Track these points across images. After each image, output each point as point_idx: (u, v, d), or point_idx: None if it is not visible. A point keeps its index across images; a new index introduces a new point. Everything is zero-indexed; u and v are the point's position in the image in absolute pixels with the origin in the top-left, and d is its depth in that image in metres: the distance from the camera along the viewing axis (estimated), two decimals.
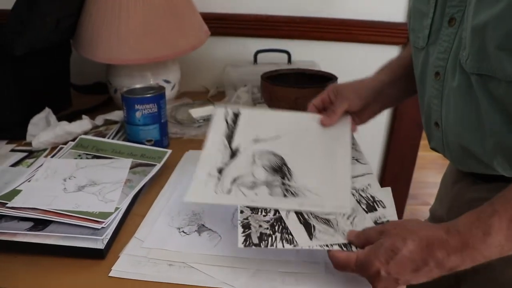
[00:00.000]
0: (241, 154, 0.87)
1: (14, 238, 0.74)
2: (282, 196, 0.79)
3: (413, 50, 0.88)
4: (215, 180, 0.81)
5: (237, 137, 0.89)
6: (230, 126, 0.91)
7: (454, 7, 0.74)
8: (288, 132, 0.92)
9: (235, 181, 0.81)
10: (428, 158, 3.34)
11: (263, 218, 0.74)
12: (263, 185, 0.81)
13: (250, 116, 0.94)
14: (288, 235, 0.70)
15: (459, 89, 0.73)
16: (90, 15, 1.25)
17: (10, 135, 1.18)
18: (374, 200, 0.81)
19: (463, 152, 0.79)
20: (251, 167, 0.84)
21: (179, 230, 0.81)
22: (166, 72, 1.35)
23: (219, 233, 0.80)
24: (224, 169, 0.84)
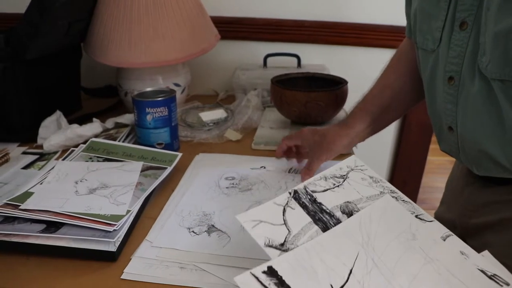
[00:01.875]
0: None
1: (27, 240, 0.74)
2: None
3: (420, 52, 0.87)
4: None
5: None
6: None
7: (465, 11, 0.73)
8: (354, 257, 0.64)
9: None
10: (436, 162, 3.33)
11: None
12: None
13: (291, 269, 0.60)
14: None
15: (479, 94, 0.72)
16: (101, 19, 1.26)
17: (21, 138, 1.19)
18: (489, 276, 0.63)
19: (481, 156, 0.78)
20: None
21: (189, 230, 0.81)
22: (176, 75, 1.36)
23: (228, 234, 0.80)
24: None
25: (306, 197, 0.74)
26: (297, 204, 0.72)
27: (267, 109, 1.43)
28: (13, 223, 0.77)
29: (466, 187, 0.91)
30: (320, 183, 0.77)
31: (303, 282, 0.58)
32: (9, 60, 1.11)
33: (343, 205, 0.73)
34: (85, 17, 1.29)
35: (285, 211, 0.71)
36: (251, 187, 0.97)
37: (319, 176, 0.79)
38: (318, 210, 0.71)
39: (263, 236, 0.65)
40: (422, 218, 0.71)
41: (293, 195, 0.74)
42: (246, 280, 0.57)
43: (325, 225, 0.69)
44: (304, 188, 0.76)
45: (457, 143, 0.82)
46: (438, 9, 0.79)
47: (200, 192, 0.94)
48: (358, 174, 0.80)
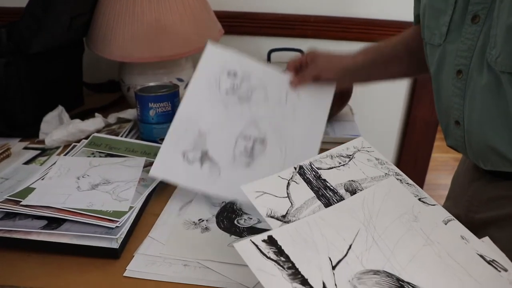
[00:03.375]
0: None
1: (28, 237, 0.73)
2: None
3: (428, 47, 0.87)
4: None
5: (309, 272, 0.57)
6: (283, 263, 0.57)
7: (478, 4, 0.73)
8: (355, 233, 0.64)
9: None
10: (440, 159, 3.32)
11: None
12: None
13: (291, 239, 0.61)
14: None
15: (487, 87, 0.72)
16: (103, 14, 1.24)
17: (23, 133, 1.18)
18: (488, 261, 0.63)
19: (487, 150, 0.77)
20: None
21: (184, 155, 0.84)
22: (179, 70, 1.35)
23: (219, 166, 0.84)
24: None
25: (311, 173, 0.75)
26: (302, 179, 0.73)
27: None
28: (14, 219, 0.77)
29: (472, 182, 0.91)
30: (326, 161, 0.78)
31: (302, 253, 0.59)
32: (11, 55, 1.10)
33: (347, 183, 0.74)
34: (88, 12, 1.28)
35: (289, 185, 0.72)
36: (251, 94, 0.94)
37: (325, 154, 0.79)
38: (322, 186, 0.72)
39: (265, 207, 0.66)
40: (425, 202, 0.71)
41: (298, 170, 0.75)
42: (246, 247, 0.57)
43: (328, 201, 0.70)
44: (309, 164, 0.76)
45: (464, 137, 0.82)
46: (446, 5, 0.79)
47: (199, 93, 0.94)
48: (365, 155, 0.80)
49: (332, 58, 1.02)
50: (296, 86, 0.96)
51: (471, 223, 0.89)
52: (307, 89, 1.00)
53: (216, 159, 0.82)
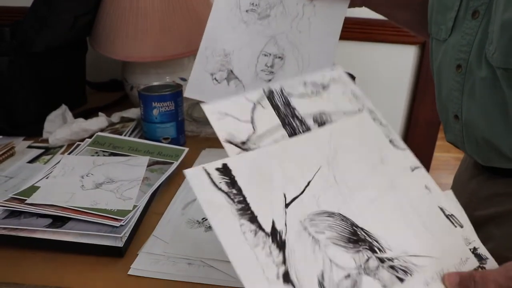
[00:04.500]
0: (288, 234, 0.53)
1: (33, 235, 0.73)
2: (399, 281, 0.55)
3: (434, 42, 0.88)
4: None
5: (259, 208, 0.53)
6: (234, 195, 0.53)
7: (478, 0, 0.74)
8: (316, 170, 0.60)
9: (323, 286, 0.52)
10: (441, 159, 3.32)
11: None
12: (365, 276, 0.54)
13: (247, 170, 0.57)
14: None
15: (485, 82, 0.73)
16: (107, 13, 1.25)
17: (26, 132, 1.19)
18: (446, 215, 0.62)
19: (484, 145, 0.78)
20: (320, 252, 0.54)
21: (212, 76, 0.91)
22: (182, 69, 1.35)
23: (243, 83, 0.90)
24: (290, 270, 0.51)
25: (280, 99, 0.69)
26: (269, 104, 0.67)
27: None
28: (19, 218, 0.77)
29: (471, 179, 0.91)
30: (298, 88, 0.71)
31: (255, 186, 0.55)
32: (15, 53, 1.10)
33: (317, 114, 0.68)
34: (91, 11, 1.28)
35: (255, 108, 0.66)
36: (269, 12, 0.98)
37: (299, 80, 0.72)
38: (290, 115, 0.67)
39: (225, 131, 0.61)
40: (395, 144, 0.67)
41: (267, 94, 0.68)
42: (197, 175, 0.53)
43: (293, 130, 0.65)
44: (280, 88, 0.69)
45: (462, 131, 0.82)
46: (453, 0, 0.80)
47: (221, 15, 0.98)
48: (340, 86, 0.74)
49: None
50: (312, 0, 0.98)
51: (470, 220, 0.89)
52: (321, 3, 0.99)
53: (240, 77, 0.90)
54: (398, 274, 0.55)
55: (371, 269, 0.55)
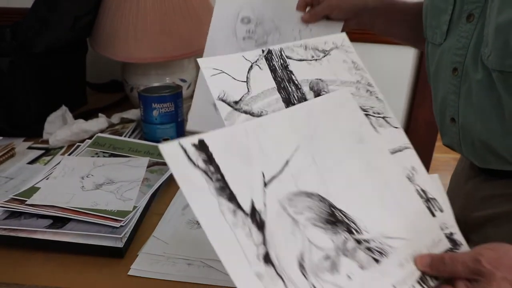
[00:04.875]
0: (267, 215, 0.52)
1: (34, 235, 0.74)
2: (375, 262, 0.56)
3: (430, 46, 0.88)
4: (271, 274, 0.49)
5: (237, 187, 0.51)
6: (212, 173, 0.50)
7: (473, 3, 0.74)
8: (294, 149, 0.59)
9: (303, 268, 0.52)
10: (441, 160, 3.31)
11: None
12: (343, 257, 0.55)
13: (224, 146, 0.53)
14: None
15: (481, 84, 0.73)
16: (107, 14, 1.25)
17: (27, 133, 1.19)
18: (428, 197, 0.63)
19: (481, 147, 0.78)
20: (299, 233, 0.54)
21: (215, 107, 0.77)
22: (182, 71, 1.35)
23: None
24: (270, 251, 0.50)
25: (279, 61, 0.68)
26: (267, 65, 0.66)
27: None
28: (20, 218, 0.77)
29: (468, 181, 0.92)
30: (299, 51, 0.70)
31: (233, 164, 0.53)
32: (15, 54, 1.11)
33: (314, 81, 0.68)
34: (91, 12, 1.28)
35: (251, 69, 0.65)
36: (266, 39, 0.98)
37: (300, 43, 0.71)
38: (286, 78, 0.66)
39: (219, 88, 0.60)
40: (387, 121, 0.67)
41: (266, 54, 0.67)
42: (172, 151, 0.49)
43: (288, 96, 0.65)
44: (280, 50, 0.69)
45: (459, 134, 0.83)
46: (446, 3, 0.80)
47: (217, 44, 0.97)
48: (342, 54, 0.74)
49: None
50: (307, 22, 1.00)
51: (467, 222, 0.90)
52: (317, 25, 1.00)
53: None
54: (374, 255, 0.56)
55: (349, 250, 0.55)
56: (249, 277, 0.48)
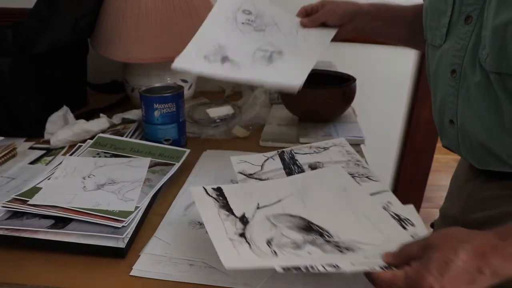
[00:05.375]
0: (253, 220, 0.72)
1: (35, 236, 0.74)
2: (339, 252, 0.65)
3: (429, 48, 0.89)
4: (244, 244, 0.66)
5: (236, 206, 0.74)
6: (220, 200, 0.75)
7: (471, 5, 0.75)
8: (288, 195, 0.79)
9: (271, 244, 0.67)
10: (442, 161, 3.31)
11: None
12: (308, 244, 0.67)
13: (234, 190, 0.79)
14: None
15: (479, 86, 0.73)
16: (108, 14, 1.25)
17: (28, 133, 1.19)
18: (400, 218, 0.73)
19: (480, 149, 0.79)
20: (276, 230, 0.70)
21: (205, 58, 0.95)
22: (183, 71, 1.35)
23: (240, 64, 0.96)
24: (246, 233, 0.68)
25: (288, 155, 0.94)
26: (279, 157, 0.93)
27: (274, 106, 1.42)
28: (22, 219, 0.77)
29: (468, 182, 0.92)
30: (305, 149, 0.96)
31: (237, 198, 0.76)
32: (17, 54, 1.11)
33: (313, 163, 0.91)
34: (92, 12, 1.28)
35: (266, 160, 0.91)
36: (265, 27, 1.05)
37: (308, 145, 0.98)
38: (292, 163, 0.91)
39: (241, 168, 0.88)
40: (370, 178, 0.84)
41: (279, 153, 0.94)
42: (198, 191, 0.77)
43: (291, 172, 0.88)
44: (290, 150, 0.95)
45: (457, 136, 0.83)
46: (445, 5, 0.81)
47: (217, 22, 1.04)
48: (339, 149, 0.96)
49: (340, 3, 1.08)
50: (305, 27, 1.07)
51: (467, 223, 0.90)
52: (314, 29, 1.09)
53: (236, 60, 0.97)
54: (340, 249, 0.66)
55: (316, 243, 0.67)
56: (224, 239, 0.66)
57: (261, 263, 0.63)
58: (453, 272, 0.55)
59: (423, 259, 0.57)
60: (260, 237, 0.68)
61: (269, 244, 0.66)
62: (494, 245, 0.56)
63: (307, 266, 0.59)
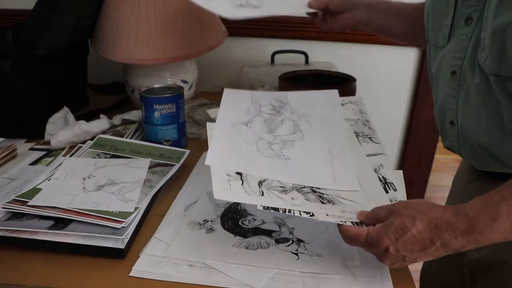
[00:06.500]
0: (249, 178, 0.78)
1: (35, 236, 0.74)
2: (320, 203, 0.74)
3: (432, 48, 0.88)
4: (238, 181, 0.75)
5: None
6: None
7: (471, 7, 0.75)
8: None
9: (261, 184, 0.76)
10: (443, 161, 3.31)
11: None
12: (294, 191, 0.76)
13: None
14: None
15: (479, 88, 0.73)
16: (109, 15, 1.25)
17: (28, 134, 1.19)
18: (386, 181, 0.81)
19: (480, 151, 0.79)
20: (270, 181, 0.78)
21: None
22: (183, 72, 1.35)
23: None
24: (243, 172, 0.78)
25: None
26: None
27: None
28: (22, 219, 0.77)
29: (469, 183, 0.92)
30: None
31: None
32: (17, 55, 1.11)
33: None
34: (93, 13, 1.28)
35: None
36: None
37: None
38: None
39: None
40: (372, 140, 0.92)
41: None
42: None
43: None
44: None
45: (458, 137, 0.83)
46: (447, 6, 0.80)
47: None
48: (353, 106, 1.04)
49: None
50: (311, 7, 1.07)
51: None
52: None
53: None
54: (322, 200, 0.75)
55: (303, 191, 0.76)
56: (221, 174, 0.75)
57: (246, 199, 0.71)
58: (408, 238, 0.62)
59: (385, 223, 0.64)
60: (253, 178, 0.77)
61: (260, 184, 0.76)
62: (448, 220, 0.62)
63: (286, 209, 0.69)
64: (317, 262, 0.72)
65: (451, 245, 0.62)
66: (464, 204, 0.64)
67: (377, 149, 0.89)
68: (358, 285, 0.68)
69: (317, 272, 0.70)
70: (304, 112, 0.99)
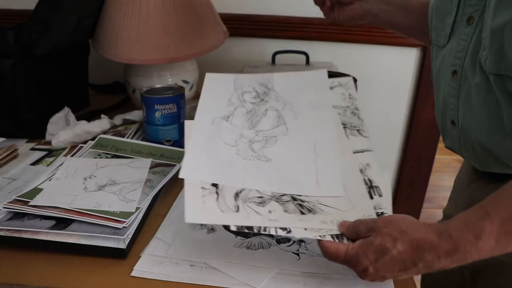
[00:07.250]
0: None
1: (36, 236, 0.74)
2: (299, 213, 0.71)
3: (434, 48, 0.89)
4: (213, 195, 0.72)
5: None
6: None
7: (473, 6, 0.75)
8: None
9: (237, 196, 0.72)
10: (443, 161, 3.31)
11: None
12: (272, 201, 0.72)
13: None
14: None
15: (479, 88, 0.74)
16: (110, 15, 1.25)
17: (29, 134, 1.19)
18: (371, 185, 0.76)
19: (481, 151, 0.79)
20: (248, 190, 0.74)
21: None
22: (184, 72, 1.35)
23: None
24: (219, 184, 0.74)
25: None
26: None
27: None
28: (23, 219, 0.77)
29: (470, 184, 0.92)
30: None
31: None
32: (18, 56, 1.11)
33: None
34: (94, 13, 1.28)
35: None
36: None
37: None
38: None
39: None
40: (360, 133, 0.85)
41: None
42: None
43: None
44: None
45: (459, 137, 0.83)
46: (450, 6, 0.81)
47: None
48: (342, 91, 0.96)
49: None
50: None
51: None
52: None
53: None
54: (302, 210, 0.71)
55: (282, 200, 0.73)
56: (196, 188, 0.72)
57: (220, 220, 0.68)
58: (388, 259, 0.60)
59: (365, 241, 0.63)
60: (230, 188, 0.73)
61: (236, 197, 0.72)
62: (432, 242, 0.60)
63: (260, 228, 0.67)
64: (318, 262, 0.72)
65: (434, 266, 0.61)
66: (448, 223, 0.63)
67: (364, 145, 0.83)
68: (359, 286, 0.68)
69: (318, 272, 0.70)
70: (290, 100, 0.91)
